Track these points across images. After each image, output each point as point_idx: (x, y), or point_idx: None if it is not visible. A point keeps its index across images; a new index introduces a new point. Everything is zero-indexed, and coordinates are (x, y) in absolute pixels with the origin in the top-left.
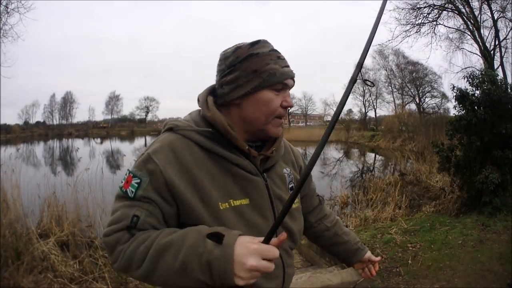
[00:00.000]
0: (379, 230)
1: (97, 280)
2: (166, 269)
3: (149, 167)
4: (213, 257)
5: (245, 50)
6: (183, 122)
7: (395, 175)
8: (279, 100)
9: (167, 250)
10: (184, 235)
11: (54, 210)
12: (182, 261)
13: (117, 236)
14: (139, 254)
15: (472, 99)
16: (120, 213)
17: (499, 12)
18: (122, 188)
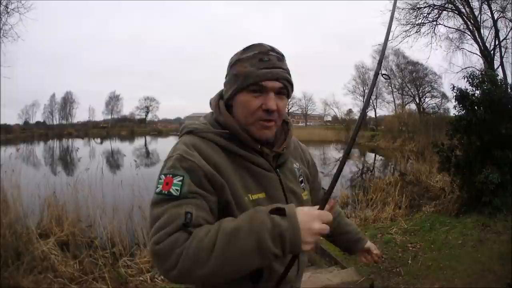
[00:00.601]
0: (379, 230)
1: (97, 280)
2: (241, 253)
3: (186, 165)
4: (283, 228)
5: (237, 56)
6: (201, 125)
7: (395, 175)
8: (258, 102)
9: (238, 234)
10: (248, 217)
11: (54, 210)
12: (257, 239)
13: (172, 239)
14: (205, 249)
15: (472, 99)
16: (168, 215)
17: (499, 12)
18: (162, 191)
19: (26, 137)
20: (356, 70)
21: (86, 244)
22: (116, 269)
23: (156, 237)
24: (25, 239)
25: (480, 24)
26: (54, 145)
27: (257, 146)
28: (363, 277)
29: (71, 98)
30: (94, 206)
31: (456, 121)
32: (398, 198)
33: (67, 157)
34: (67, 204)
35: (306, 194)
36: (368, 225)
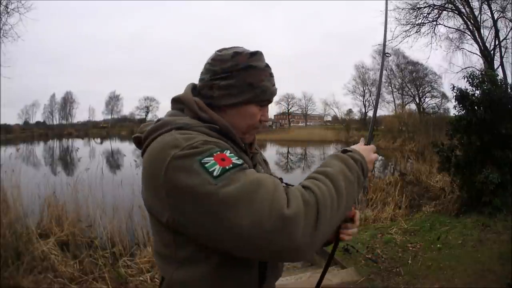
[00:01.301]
0: (379, 230)
1: (97, 280)
2: (352, 188)
3: (219, 144)
4: (362, 160)
5: (245, 59)
6: (191, 120)
7: (395, 175)
8: (260, 114)
9: (346, 175)
10: (337, 161)
11: (54, 210)
12: (357, 174)
13: (295, 193)
14: (334, 195)
15: (472, 99)
16: (262, 179)
17: (499, 12)
18: (226, 167)
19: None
20: (356, 70)
21: (86, 244)
22: (116, 269)
23: (275, 202)
24: (25, 239)
25: (480, 24)
26: (54, 145)
27: (242, 144)
28: (363, 277)
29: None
30: (94, 206)
31: (456, 121)
32: (398, 198)
33: (67, 157)
34: (67, 204)
35: None
36: (368, 225)
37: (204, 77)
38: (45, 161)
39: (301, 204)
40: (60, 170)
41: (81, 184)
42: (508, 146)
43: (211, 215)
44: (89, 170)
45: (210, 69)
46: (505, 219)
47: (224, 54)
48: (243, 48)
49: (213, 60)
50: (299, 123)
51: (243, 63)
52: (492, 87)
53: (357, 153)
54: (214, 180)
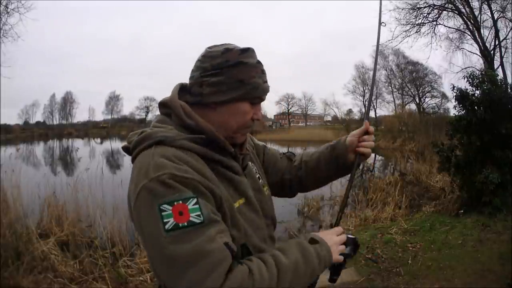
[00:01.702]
0: (379, 230)
1: (97, 280)
2: (301, 283)
3: (188, 184)
4: (324, 255)
5: (235, 56)
6: (170, 131)
7: (395, 175)
8: (252, 112)
9: (298, 269)
10: (299, 251)
11: (54, 210)
12: (311, 270)
13: (238, 279)
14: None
15: (472, 99)
16: (210, 257)
17: (499, 12)
18: (178, 224)
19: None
20: (356, 70)
21: (86, 244)
22: (116, 269)
23: (207, 283)
24: (25, 239)
25: (480, 24)
26: (54, 145)
27: (232, 149)
28: (363, 277)
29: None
30: (94, 206)
31: (456, 121)
32: (398, 198)
33: (67, 157)
34: (67, 204)
35: (267, 189)
36: (368, 225)
37: (194, 75)
38: (45, 161)
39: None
40: (60, 170)
41: (81, 184)
42: (508, 146)
43: (156, 259)
44: (89, 170)
45: (200, 66)
46: (505, 219)
47: (214, 50)
48: (234, 45)
49: (203, 57)
50: (299, 123)
51: (233, 59)
52: (492, 87)
53: (325, 246)
54: (164, 233)
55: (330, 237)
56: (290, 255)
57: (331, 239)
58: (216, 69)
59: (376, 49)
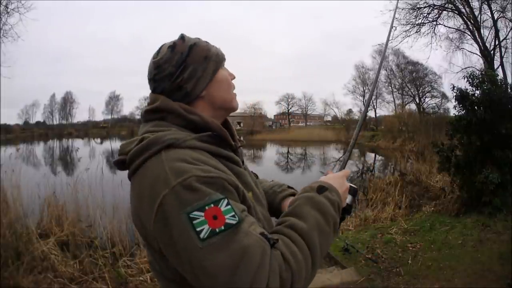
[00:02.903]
0: (379, 230)
1: (97, 280)
2: (327, 238)
3: (216, 186)
4: (337, 201)
5: (184, 45)
6: (178, 134)
7: (395, 175)
8: (228, 74)
9: (320, 226)
10: (311, 205)
11: (54, 210)
12: (333, 221)
13: (274, 269)
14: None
15: (472, 99)
16: (251, 252)
17: (499, 12)
18: (215, 230)
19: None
20: (356, 70)
21: (86, 244)
22: (116, 269)
23: (258, 282)
24: (25, 239)
25: (480, 24)
26: (54, 145)
27: (232, 143)
28: (363, 277)
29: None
30: (94, 206)
31: (456, 121)
32: (398, 198)
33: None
34: (67, 204)
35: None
36: (368, 225)
37: (163, 87)
38: (45, 161)
39: (278, 284)
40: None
41: (81, 184)
42: (508, 146)
43: (196, 275)
44: (89, 170)
45: (164, 75)
46: (505, 219)
47: (162, 56)
48: (166, 43)
49: (158, 67)
50: (299, 123)
51: (184, 48)
52: (492, 87)
53: (334, 191)
54: (200, 243)
55: (338, 181)
56: (309, 218)
57: (339, 184)
58: (180, 65)
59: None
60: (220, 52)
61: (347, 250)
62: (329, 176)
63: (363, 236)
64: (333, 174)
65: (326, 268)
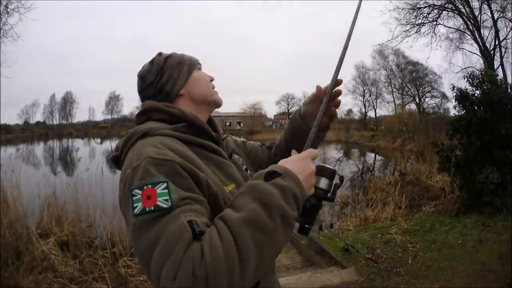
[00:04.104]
0: (379, 230)
1: (97, 280)
2: (270, 235)
3: (164, 168)
4: (290, 187)
5: (160, 58)
6: (154, 124)
7: (395, 175)
8: (205, 75)
9: (257, 219)
10: (250, 196)
11: (54, 210)
12: (279, 212)
13: (188, 260)
14: (231, 253)
15: (472, 99)
16: (168, 235)
17: (499, 12)
18: (145, 209)
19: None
20: (356, 70)
21: (86, 244)
22: (116, 269)
23: (166, 270)
24: (25, 239)
25: (480, 24)
26: (54, 145)
27: (212, 133)
28: (363, 277)
29: (71, 98)
30: (94, 206)
31: (456, 121)
32: (398, 198)
33: (67, 157)
34: (67, 204)
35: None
36: (368, 225)
37: (148, 94)
38: (45, 161)
39: (188, 280)
40: (60, 170)
41: (81, 184)
42: (508, 146)
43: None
44: (89, 170)
45: (146, 85)
46: (505, 219)
47: (144, 69)
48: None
49: (142, 79)
50: None
51: (161, 60)
52: (492, 87)
53: (290, 177)
54: (133, 218)
55: (298, 164)
56: (244, 210)
57: (300, 166)
58: (158, 72)
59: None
60: (193, 58)
61: (347, 250)
62: (288, 158)
63: (363, 236)
64: (293, 155)
65: (326, 268)
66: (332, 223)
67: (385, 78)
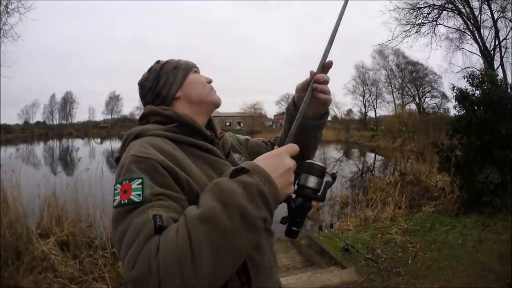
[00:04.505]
0: (379, 230)
1: (97, 280)
2: (226, 235)
3: (143, 165)
4: (256, 184)
5: (157, 65)
6: (147, 126)
7: (395, 175)
8: (202, 77)
9: (213, 217)
10: (211, 193)
11: (54, 210)
12: (237, 211)
13: (145, 253)
14: (183, 250)
15: (472, 99)
16: (133, 227)
17: (499, 12)
18: (121, 202)
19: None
20: (356, 70)
21: (86, 244)
22: (116, 269)
23: (127, 260)
24: (25, 239)
25: (480, 24)
26: (54, 145)
27: (206, 132)
28: (363, 277)
29: (71, 98)
30: (94, 206)
31: (456, 121)
32: (398, 198)
33: (67, 157)
34: (67, 204)
35: None
36: (368, 225)
37: (147, 99)
38: (45, 161)
39: (143, 270)
40: (60, 170)
41: (81, 184)
42: (508, 146)
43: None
44: (89, 170)
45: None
46: (505, 219)
47: (142, 77)
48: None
49: (141, 86)
50: None
51: (157, 67)
52: (492, 87)
53: (258, 174)
54: (113, 209)
55: (272, 161)
56: (203, 204)
57: (274, 163)
58: (155, 79)
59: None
60: (189, 62)
61: (347, 250)
62: (263, 155)
63: (363, 236)
64: (269, 152)
65: (326, 268)
66: (332, 223)
67: (385, 78)
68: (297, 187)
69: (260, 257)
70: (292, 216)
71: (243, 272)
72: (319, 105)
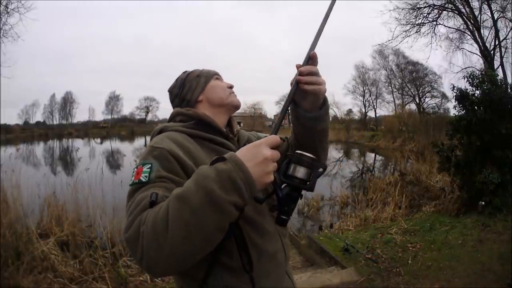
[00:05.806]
0: (379, 230)
1: (97, 280)
2: (195, 214)
3: (156, 153)
4: (228, 171)
5: (183, 74)
6: (170, 123)
7: (395, 175)
8: (223, 83)
9: (186, 196)
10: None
11: (54, 210)
12: (205, 192)
13: (138, 221)
14: (160, 221)
15: (472, 99)
16: (136, 201)
17: (499, 12)
18: (134, 181)
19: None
20: (356, 70)
21: (86, 244)
22: (116, 269)
23: (126, 224)
24: (25, 239)
25: (480, 24)
26: (54, 145)
27: (222, 128)
28: (363, 277)
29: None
30: (94, 206)
31: (456, 121)
32: (398, 198)
33: (67, 157)
34: (67, 204)
35: None
36: (368, 225)
37: (176, 103)
38: (45, 161)
39: (134, 234)
40: (60, 170)
41: (81, 184)
42: (508, 146)
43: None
44: (89, 170)
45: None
46: (505, 219)
47: (172, 85)
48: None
49: (171, 93)
50: None
51: (183, 76)
52: (492, 87)
53: (232, 162)
54: (129, 186)
55: (250, 151)
56: (185, 184)
57: (251, 153)
58: (181, 86)
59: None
60: (211, 70)
61: (347, 250)
62: (245, 146)
63: (363, 236)
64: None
65: (326, 268)
66: (332, 223)
67: (385, 78)
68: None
69: (261, 239)
70: (280, 205)
71: (243, 250)
72: (311, 96)
